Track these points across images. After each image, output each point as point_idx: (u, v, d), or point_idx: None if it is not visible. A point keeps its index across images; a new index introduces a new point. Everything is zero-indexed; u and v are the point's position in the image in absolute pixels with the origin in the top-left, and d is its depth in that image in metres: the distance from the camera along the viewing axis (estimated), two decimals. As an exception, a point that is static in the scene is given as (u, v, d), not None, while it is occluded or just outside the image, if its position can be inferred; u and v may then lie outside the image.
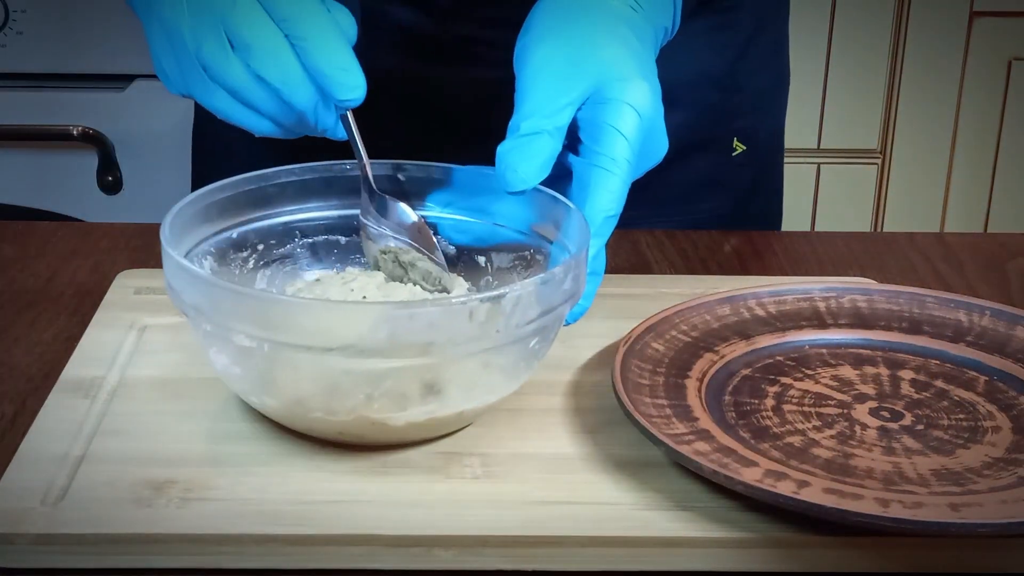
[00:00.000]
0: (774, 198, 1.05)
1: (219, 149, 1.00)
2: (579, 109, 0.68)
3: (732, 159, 0.98)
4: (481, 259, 0.74)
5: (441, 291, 0.70)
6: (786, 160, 1.07)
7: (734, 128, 0.97)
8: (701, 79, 0.95)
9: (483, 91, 0.91)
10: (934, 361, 0.72)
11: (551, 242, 0.70)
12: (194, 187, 1.04)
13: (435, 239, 0.72)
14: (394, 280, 0.71)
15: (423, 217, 0.72)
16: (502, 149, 0.67)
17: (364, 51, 0.92)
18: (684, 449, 0.60)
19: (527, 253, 0.72)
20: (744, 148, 0.98)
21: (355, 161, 0.74)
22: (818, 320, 0.74)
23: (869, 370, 0.71)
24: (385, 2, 0.91)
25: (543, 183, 0.68)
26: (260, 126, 0.68)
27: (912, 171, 2.09)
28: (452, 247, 0.73)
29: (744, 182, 0.99)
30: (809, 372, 0.70)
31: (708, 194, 0.98)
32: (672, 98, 0.95)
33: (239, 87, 0.66)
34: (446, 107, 0.93)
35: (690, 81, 0.94)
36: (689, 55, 0.93)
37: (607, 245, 0.68)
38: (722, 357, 0.70)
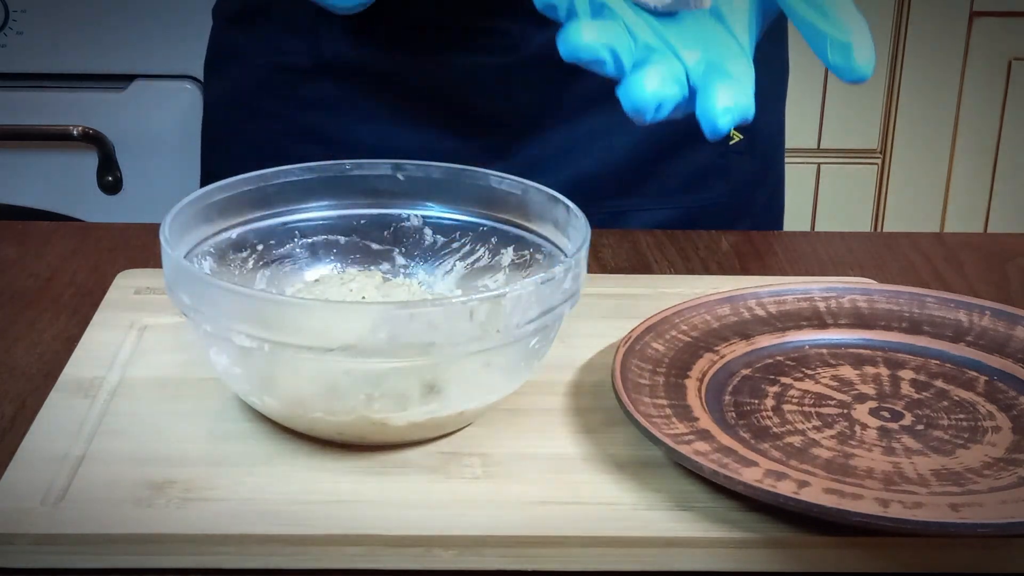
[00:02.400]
0: (776, 191, 1.05)
1: (228, 136, 1.01)
2: None
3: (731, 148, 0.98)
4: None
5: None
6: (786, 160, 1.07)
7: None
8: None
9: (486, 78, 0.91)
10: (934, 361, 0.72)
11: (551, 242, 0.71)
12: (204, 181, 1.04)
13: None
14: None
15: None
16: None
17: (363, 43, 0.92)
18: (684, 449, 0.60)
19: (527, 253, 0.72)
20: (742, 137, 0.98)
21: (355, 161, 0.74)
22: (818, 320, 0.74)
23: (869, 370, 0.71)
24: None
25: None
26: None
27: (912, 171, 2.09)
28: None
29: (745, 172, 0.99)
30: (809, 372, 0.70)
31: (709, 183, 0.98)
32: None
33: None
34: (446, 94, 0.93)
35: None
36: None
37: (607, 246, 0.68)
38: (722, 357, 0.70)
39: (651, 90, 0.59)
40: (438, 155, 0.75)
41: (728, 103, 0.60)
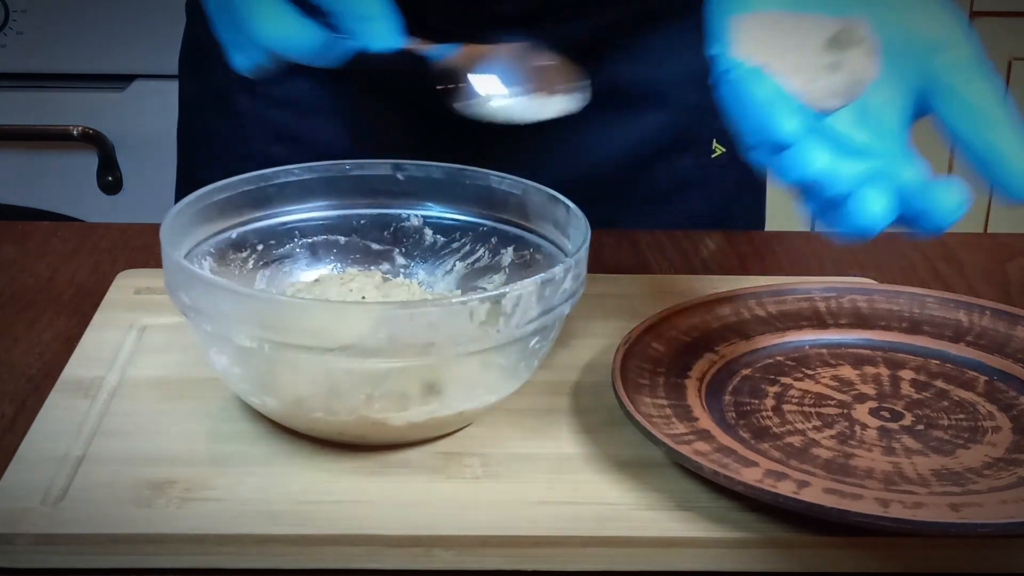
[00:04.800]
0: (756, 202, 1.05)
1: (203, 136, 1.00)
2: None
3: (713, 160, 0.98)
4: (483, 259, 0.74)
5: None
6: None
7: (715, 129, 0.97)
8: (682, 78, 0.94)
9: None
10: (934, 361, 0.72)
11: (551, 242, 0.71)
12: (179, 179, 1.04)
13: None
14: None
15: None
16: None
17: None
18: (684, 449, 0.60)
19: (527, 253, 0.72)
20: (724, 150, 0.97)
21: (355, 161, 0.74)
22: (818, 320, 0.74)
23: (869, 370, 0.71)
24: None
25: None
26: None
27: (912, 171, 2.09)
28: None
29: (726, 185, 0.99)
30: (809, 372, 0.70)
31: (689, 195, 0.98)
32: (652, 97, 0.95)
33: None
34: (422, 97, 0.93)
35: (671, 80, 0.94)
36: (670, 54, 0.93)
37: (607, 245, 0.68)
38: (722, 357, 0.70)
39: (879, 210, 0.58)
40: (409, 156, 0.75)
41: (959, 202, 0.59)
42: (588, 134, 0.94)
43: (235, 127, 0.96)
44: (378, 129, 0.93)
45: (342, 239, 0.75)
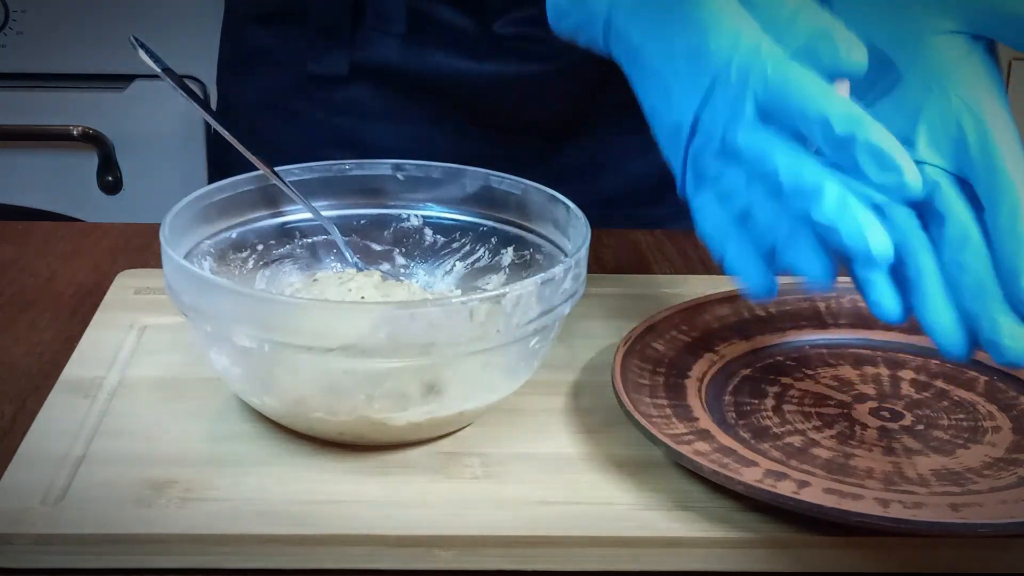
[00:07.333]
0: None
1: (250, 138, 1.00)
2: None
3: None
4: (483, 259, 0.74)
5: None
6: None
7: None
8: None
9: (523, 86, 0.91)
10: (934, 361, 0.72)
11: (551, 242, 0.71)
12: (210, 174, 1.04)
13: None
14: None
15: None
16: None
17: (411, 52, 0.92)
18: (684, 449, 0.60)
19: (527, 253, 0.72)
20: None
21: (355, 161, 0.74)
22: (818, 320, 0.74)
23: (869, 370, 0.71)
24: (432, 2, 0.91)
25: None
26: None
27: (912, 171, 2.09)
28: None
29: None
30: (809, 372, 0.70)
31: None
32: None
33: None
34: (483, 102, 0.93)
35: None
36: None
37: (607, 246, 0.68)
38: (722, 357, 0.70)
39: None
40: (471, 162, 0.75)
41: None
42: (643, 134, 0.95)
43: (291, 131, 0.96)
44: (437, 136, 0.93)
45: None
